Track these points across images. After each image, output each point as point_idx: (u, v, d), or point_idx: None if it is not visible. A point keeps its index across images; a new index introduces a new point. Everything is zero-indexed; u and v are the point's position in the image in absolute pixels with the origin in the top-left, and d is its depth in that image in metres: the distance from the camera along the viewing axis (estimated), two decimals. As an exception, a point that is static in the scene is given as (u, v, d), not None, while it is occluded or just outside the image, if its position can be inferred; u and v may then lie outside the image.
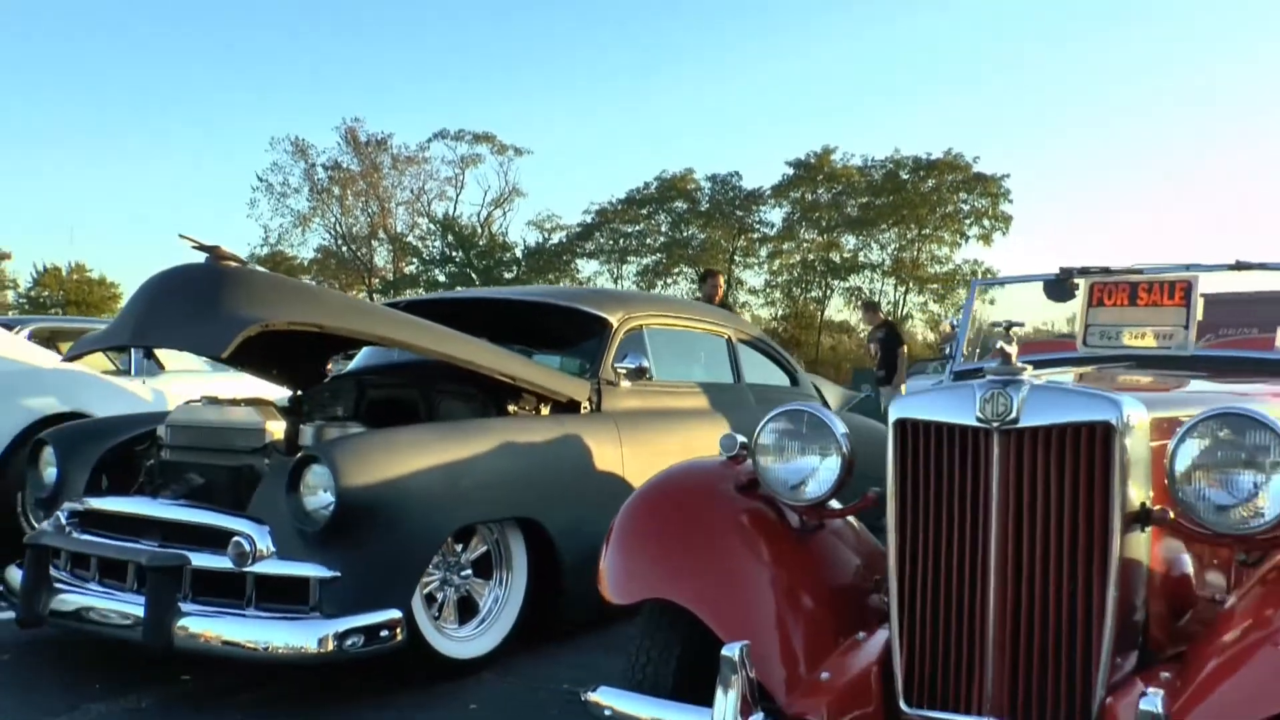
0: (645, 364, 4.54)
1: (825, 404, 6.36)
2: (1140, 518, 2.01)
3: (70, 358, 4.01)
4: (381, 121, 58.60)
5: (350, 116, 43.67)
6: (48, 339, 9.35)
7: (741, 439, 2.52)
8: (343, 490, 3.27)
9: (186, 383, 9.27)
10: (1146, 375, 3.10)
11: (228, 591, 3.47)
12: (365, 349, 5.37)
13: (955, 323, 3.84)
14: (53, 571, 3.82)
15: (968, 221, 39.02)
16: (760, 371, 5.88)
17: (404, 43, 55.05)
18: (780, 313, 40.86)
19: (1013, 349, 2.10)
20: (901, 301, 38.60)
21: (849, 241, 41.53)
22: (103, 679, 3.72)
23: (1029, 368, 2.09)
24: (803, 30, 55.94)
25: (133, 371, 9.05)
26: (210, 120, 54.38)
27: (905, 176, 39.57)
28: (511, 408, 4.27)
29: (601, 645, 4.14)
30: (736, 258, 43.91)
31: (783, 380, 6.11)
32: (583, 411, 4.40)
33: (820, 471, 2.31)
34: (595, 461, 4.25)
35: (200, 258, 3.81)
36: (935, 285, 40.01)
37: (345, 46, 54.28)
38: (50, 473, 4.25)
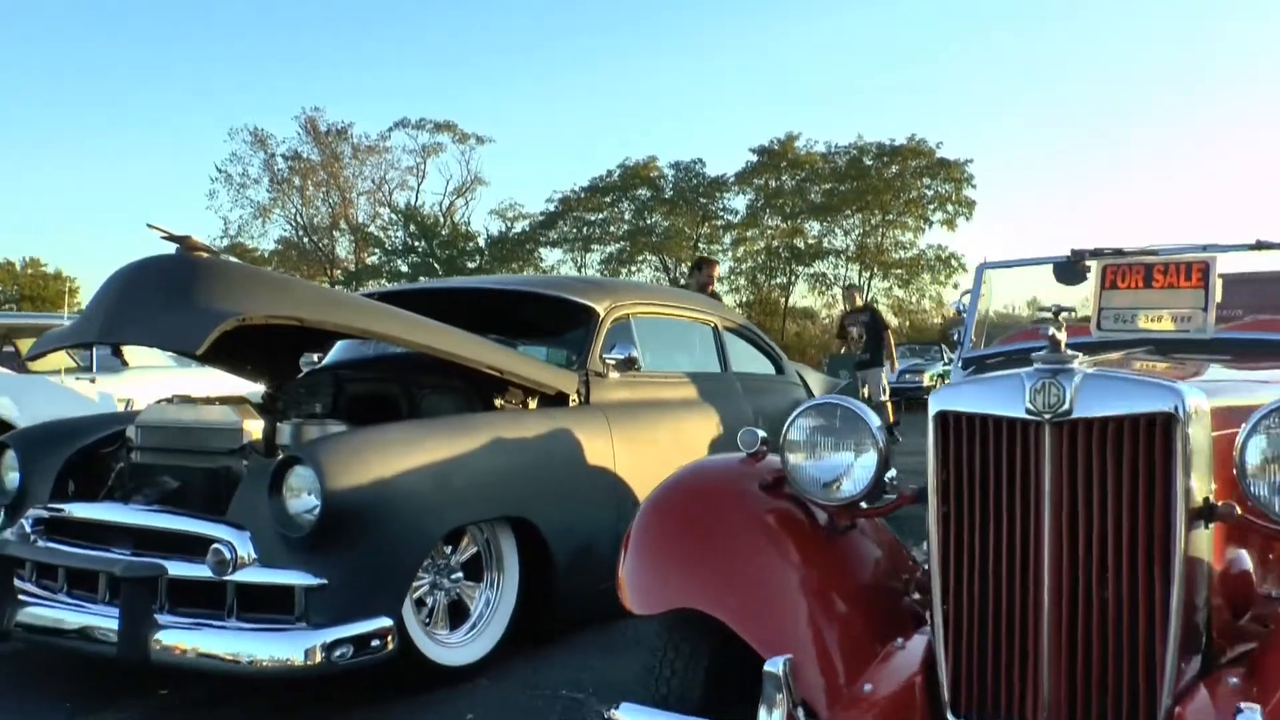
0: (634, 354, 4.38)
1: (810, 391, 6.24)
2: (1203, 513, 1.89)
3: (32, 356, 3.79)
4: (341, 111, 57.80)
5: (310, 106, 43.14)
6: (3, 336, 9.05)
7: (762, 434, 2.38)
8: (329, 493, 3.09)
9: (150, 380, 9.01)
10: (1165, 360, 2.99)
11: (206, 601, 3.28)
12: (341, 342, 5.17)
13: (961, 307, 3.71)
14: (17, 583, 3.61)
15: (931, 207, 39.17)
16: (746, 360, 5.74)
17: (364, 31, 54.40)
18: (745, 299, 40.78)
19: (1062, 335, 1.97)
20: (866, 287, 38.58)
21: (813, 228, 41.55)
22: (75, 694, 3.52)
23: (1080, 355, 1.96)
24: (766, 16, 55.89)
25: (94, 368, 8.77)
26: (166, 111, 53.38)
27: (869, 163, 39.63)
28: (498, 402, 4.10)
29: (596, 646, 3.99)
30: (700, 245, 43.76)
31: (768, 368, 5.98)
32: (571, 404, 4.24)
33: (855, 469, 2.17)
34: (586, 456, 4.09)
35: (170, 249, 3.63)
36: (900, 270, 40.14)
37: (304, 34, 53.47)
38: (12, 478, 4.02)
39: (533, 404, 4.16)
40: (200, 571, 3.21)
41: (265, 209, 40.57)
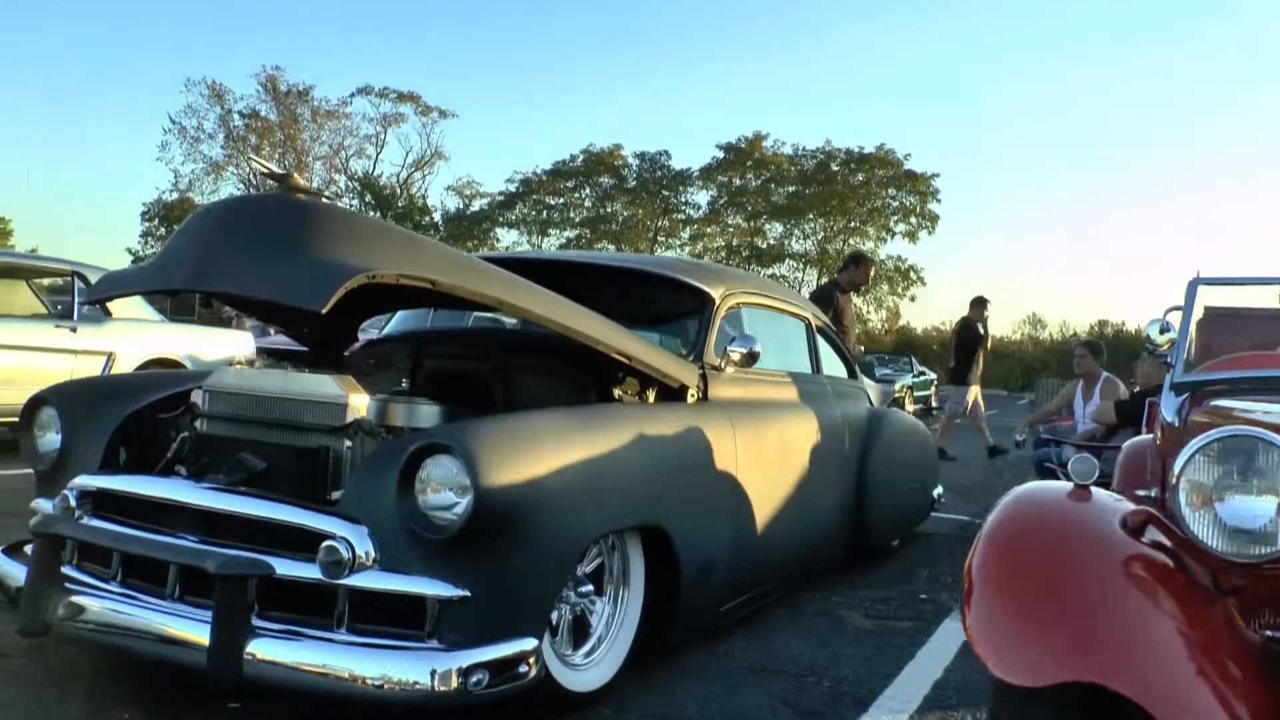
0: (757, 349, 3.93)
1: (869, 398, 5.86)
2: None
3: (92, 300, 3.22)
4: (303, 72, 56.32)
5: (271, 65, 41.83)
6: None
7: (1095, 461, 1.95)
8: (483, 490, 2.59)
9: (135, 334, 8.34)
10: None
11: (300, 607, 2.77)
12: (403, 311, 4.65)
13: (1166, 325, 3.32)
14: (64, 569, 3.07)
15: (895, 218, 39.22)
16: (830, 361, 5.34)
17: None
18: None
19: None
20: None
21: (775, 229, 41.43)
22: (127, 700, 2.99)
23: None
24: (744, 16, 55.62)
25: (75, 315, 8.06)
26: (121, 58, 51.52)
27: (835, 168, 39.59)
28: (616, 392, 3.62)
29: (710, 672, 3.56)
30: (660, 238, 43.43)
31: (842, 372, 5.58)
32: (690, 399, 3.78)
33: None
34: (715, 458, 3.64)
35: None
36: (858, 279, 40.17)
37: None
38: (50, 439, 3.46)
39: (651, 397, 3.69)
40: (308, 572, 2.71)
41: (218, 165, 39.34)
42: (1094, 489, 1.97)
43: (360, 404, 3.09)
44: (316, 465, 3.04)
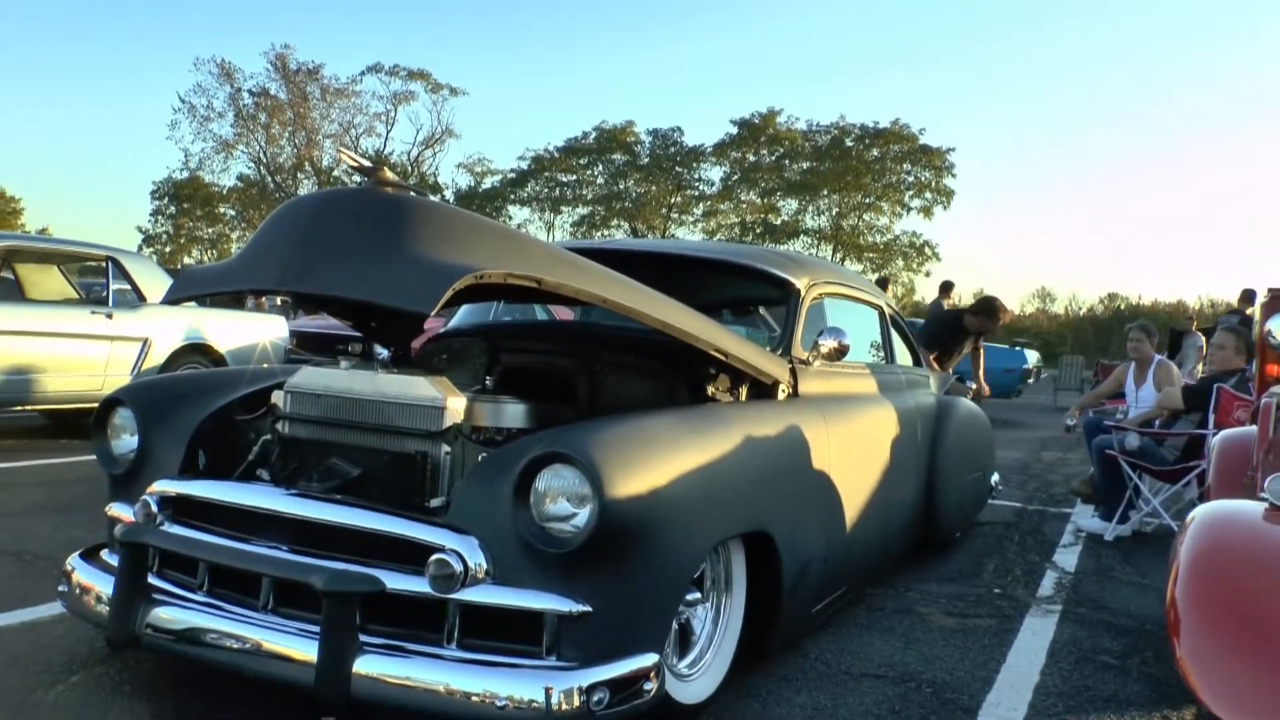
0: (847, 341, 3.79)
1: (934, 386, 5.72)
2: None
3: (173, 300, 3.08)
4: (313, 51, 56.01)
5: (280, 43, 41.57)
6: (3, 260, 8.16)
7: (1300, 480, 1.82)
8: (607, 502, 2.46)
9: (170, 319, 8.22)
10: None
11: (406, 620, 2.66)
12: (466, 305, 4.51)
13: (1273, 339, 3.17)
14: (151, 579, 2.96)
15: (910, 193, 38.92)
16: (900, 350, 5.20)
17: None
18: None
19: None
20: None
21: (789, 205, 41.14)
22: (213, 708, 2.89)
23: None
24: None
25: (110, 302, 7.94)
26: (132, 37, 51.26)
27: (850, 144, 39.25)
28: (710, 390, 3.49)
29: (812, 678, 3.45)
30: (673, 214, 43.21)
31: (909, 360, 5.44)
32: (781, 396, 3.65)
33: None
34: (811, 457, 3.51)
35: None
36: (873, 255, 39.91)
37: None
38: (127, 442, 3.34)
39: (743, 395, 3.56)
40: (418, 586, 2.59)
41: (229, 144, 39.18)
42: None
43: (458, 407, 2.96)
44: (414, 471, 2.92)
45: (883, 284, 13.78)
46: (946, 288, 13.09)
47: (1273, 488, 1.89)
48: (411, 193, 3.00)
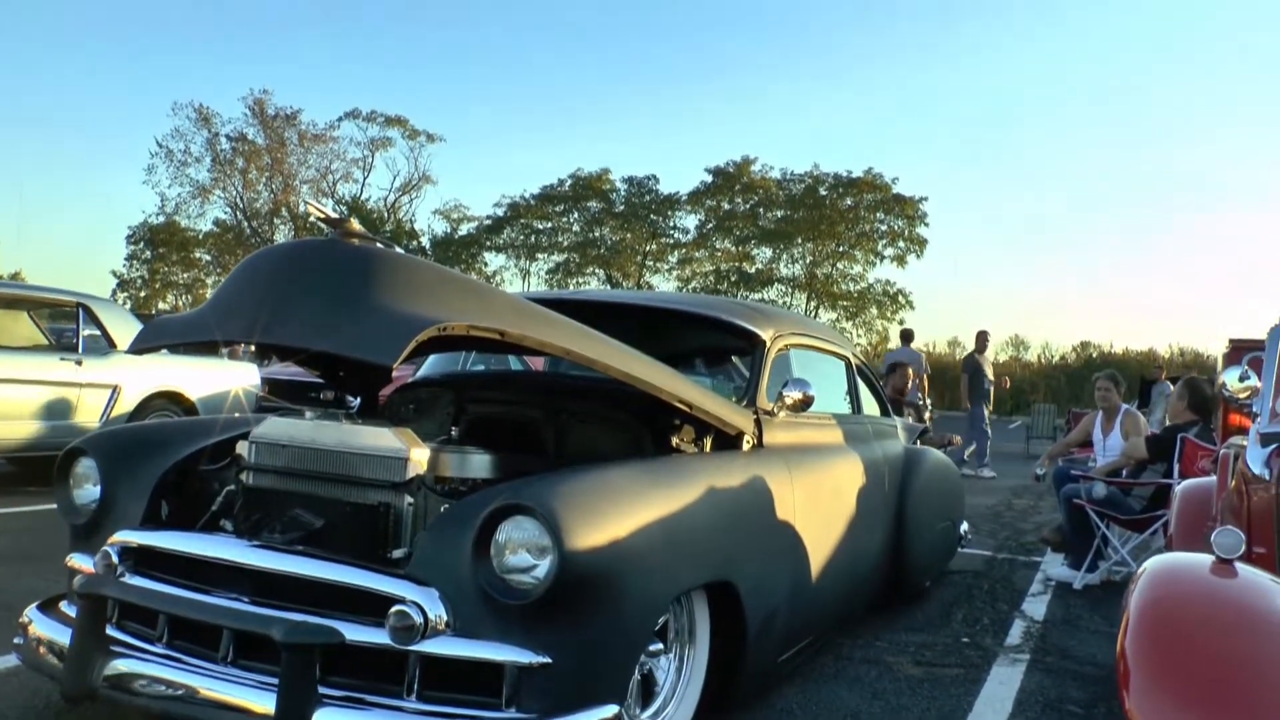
0: (812, 392, 3.83)
1: (901, 435, 5.76)
2: None
3: (139, 349, 3.09)
4: (291, 96, 56.30)
5: (259, 88, 41.77)
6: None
7: (1241, 535, 1.86)
8: (568, 553, 2.47)
9: (140, 366, 8.18)
10: None
11: (364, 672, 2.64)
12: (435, 355, 4.53)
13: (1246, 374, 3.24)
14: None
15: (883, 242, 39.30)
16: (867, 400, 5.25)
17: (318, 19, 53.07)
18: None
19: None
20: (814, 317, 38.56)
21: (763, 253, 41.44)
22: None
23: None
24: (728, 40, 55.93)
25: (80, 348, 7.90)
26: (110, 83, 51.40)
27: (824, 192, 39.67)
28: (675, 441, 3.51)
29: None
30: (648, 262, 43.43)
31: (877, 410, 5.49)
32: (745, 446, 3.68)
33: None
34: (776, 508, 3.54)
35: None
36: (846, 303, 40.19)
37: (257, 14, 51.96)
38: (88, 492, 3.32)
39: (707, 445, 3.59)
40: (377, 638, 2.58)
41: (205, 189, 39.18)
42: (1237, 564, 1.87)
43: (421, 458, 2.97)
44: (376, 522, 2.91)
45: (983, 336, 13.89)
46: (907, 336, 13.63)
47: (1219, 541, 1.92)
48: (378, 244, 3.03)
